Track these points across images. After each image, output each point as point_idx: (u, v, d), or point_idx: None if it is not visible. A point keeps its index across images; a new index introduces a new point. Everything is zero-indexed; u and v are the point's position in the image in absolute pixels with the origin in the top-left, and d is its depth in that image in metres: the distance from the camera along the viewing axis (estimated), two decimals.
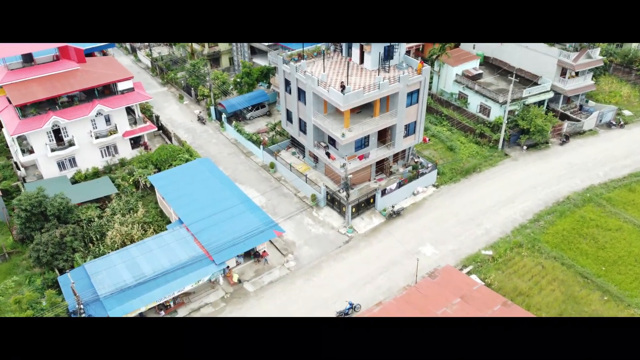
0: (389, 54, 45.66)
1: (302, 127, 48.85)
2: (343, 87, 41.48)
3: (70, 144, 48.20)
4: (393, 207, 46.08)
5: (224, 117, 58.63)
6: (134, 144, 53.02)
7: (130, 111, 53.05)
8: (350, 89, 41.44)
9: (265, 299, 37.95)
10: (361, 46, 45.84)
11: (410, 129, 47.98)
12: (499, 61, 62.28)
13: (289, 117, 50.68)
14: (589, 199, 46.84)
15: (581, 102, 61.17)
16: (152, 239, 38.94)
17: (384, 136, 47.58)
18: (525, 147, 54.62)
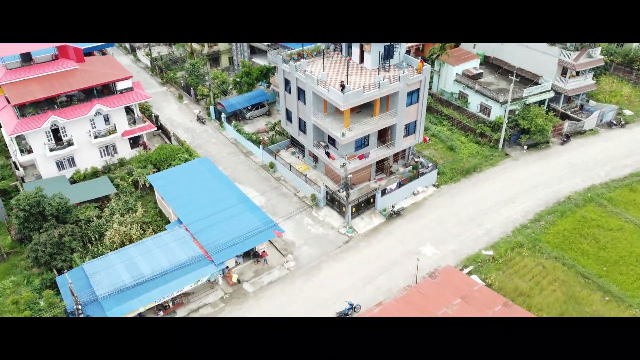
0: (389, 53, 45.50)
1: (302, 127, 48.69)
2: (343, 87, 41.31)
3: (69, 143, 48.05)
4: (393, 207, 45.91)
5: (224, 116, 58.46)
6: (133, 143, 52.87)
7: (129, 111, 52.89)
8: (350, 88, 41.27)
9: (265, 299, 37.77)
10: (361, 45, 45.65)
11: (410, 128, 47.81)
12: (499, 60, 62.14)
13: (288, 116, 50.51)
14: (590, 198, 46.67)
15: (582, 102, 61.00)
16: (151, 239, 38.78)
17: (384, 136, 47.41)
18: (525, 147, 54.45)
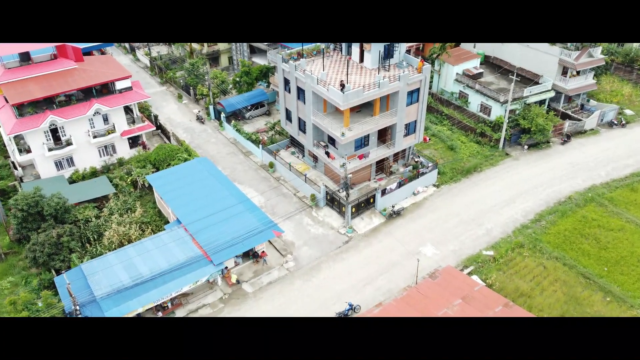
0: (389, 52, 45.32)
1: (302, 127, 48.50)
2: (343, 86, 41.13)
3: (68, 143, 47.86)
4: (393, 207, 45.72)
5: (223, 116, 58.28)
6: (132, 143, 52.69)
7: (128, 110, 52.74)
8: (350, 87, 41.08)
9: (264, 299, 37.58)
10: (361, 45, 45.46)
11: (410, 128, 47.62)
12: (499, 60, 61.96)
13: (288, 116, 50.33)
14: (591, 198, 46.48)
15: (582, 102, 60.83)
16: (149, 239, 38.59)
17: (384, 135, 47.23)
18: (526, 147, 54.26)
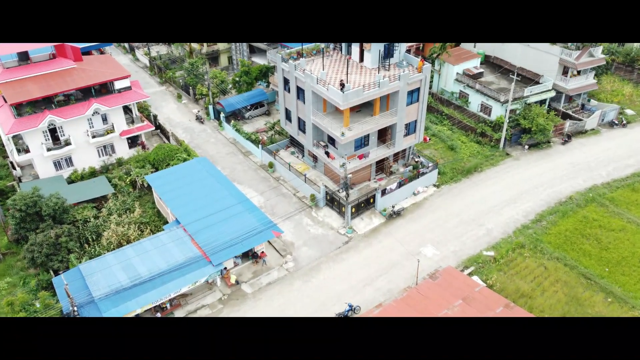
0: (389, 52, 45.13)
1: (301, 126, 48.31)
2: (342, 86, 40.94)
3: (67, 143, 47.67)
4: (393, 207, 45.53)
5: (223, 116, 58.09)
6: (131, 143, 52.50)
7: (127, 110, 52.55)
8: (349, 87, 40.89)
9: (264, 300, 37.39)
10: (361, 44, 45.27)
11: (410, 128, 47.42)
12: (500, 60, 61.77)
13: (287, 116, 50.14)
14: (592, 199, 46.28)
15: (583, 101, 60.64)
16: (148, 239, 38.40)
17: (384, 135, 47.03)
18: (526, 147, 54.07)
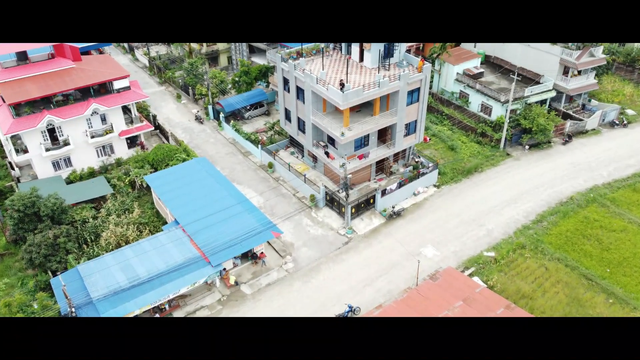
0: (389, 52, 44.96)
1: (301, 126, 48.13)
2: (342, 85, 40.76)
3: (65, 143, 47.48)
4: (393, 207, 45.34)
5: (222, 116, 57.90)
6: (130, 143, 52.32)
7: (126, 110, 52.36)
8: (349, 87, 40.70)
9: (263, 301, 37.19)
10: (361, 44, 45.09)
11: (410, 128, 47.24)
12: (500, 60, 61.59)
13: (287, 116, 49.96)
14: (593, 199, 46.10)
15: (584, 101, 60.46)
16: (147, 240, 38.20)
17: (384, 135, 46.84)
18: (527, 147, 53.88)
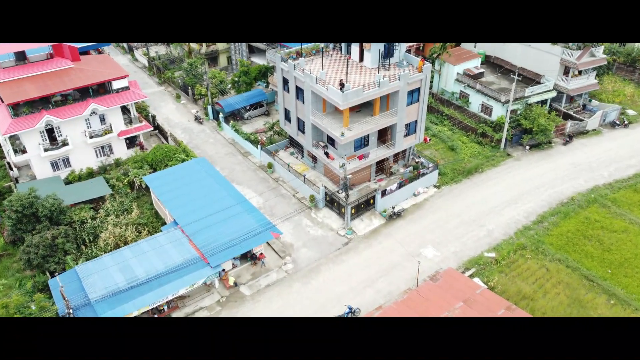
0: (389, 51, 44.79)
1: (301, 127, 47.95)
2: (342, 85, 40.58)
3: (64, 143, 47.28)
4: (393, 208, 45.16)
5: (222, 116, 57.73)
6: (129, 143, 52.13)
7: (125, 110, 52.16)
8: (349, 87, 40.53)
9: (262, 302, 37.00)
10: (361, 44, 44.93)
11: (410, 128, 47.06)
12: (500, 60, 61.42)
13: (287, 116, 49.78)
14: (594, 199, 45.92)
15: (584, 102, 60.29)
16: (146, 240, 38.01)
17: (384, 136, 46.66)
18: (527, 147, 53.71)
